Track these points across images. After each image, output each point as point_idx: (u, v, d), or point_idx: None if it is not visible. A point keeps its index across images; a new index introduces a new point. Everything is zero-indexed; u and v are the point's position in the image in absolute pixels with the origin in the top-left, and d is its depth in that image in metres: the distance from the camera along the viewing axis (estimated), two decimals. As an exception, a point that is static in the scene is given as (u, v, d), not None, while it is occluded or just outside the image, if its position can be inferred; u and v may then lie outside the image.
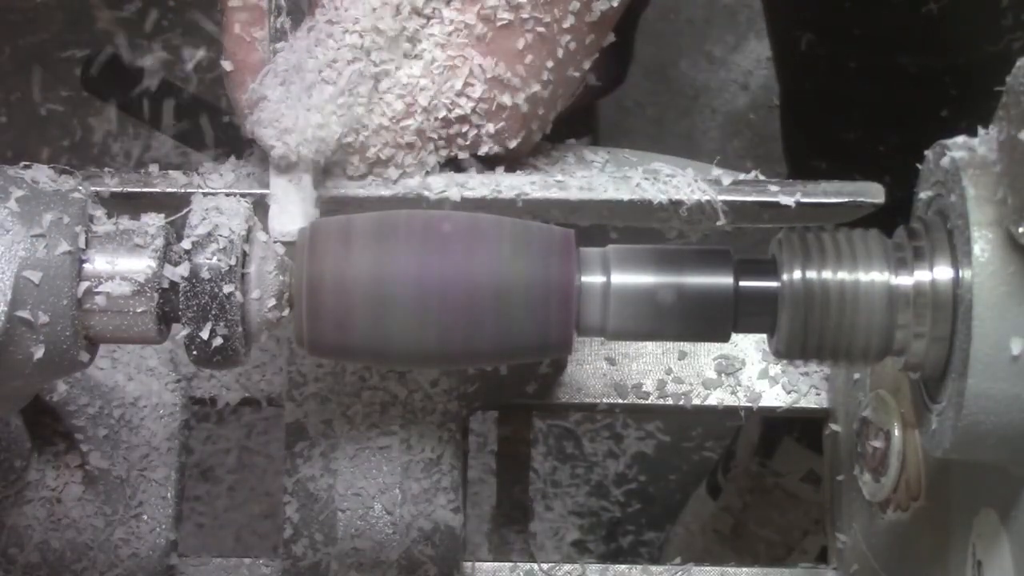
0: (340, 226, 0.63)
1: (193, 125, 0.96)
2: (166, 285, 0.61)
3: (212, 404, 0.89)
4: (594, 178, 0.74)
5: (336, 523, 0.83)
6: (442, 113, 0.71)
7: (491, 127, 0.72)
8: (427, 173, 0.73)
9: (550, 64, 0.72)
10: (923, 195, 0.63)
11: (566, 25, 0.71)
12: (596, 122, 1.67)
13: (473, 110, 0.72)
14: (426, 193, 0.72)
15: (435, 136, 0.72)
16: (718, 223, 0.73)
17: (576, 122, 0.81)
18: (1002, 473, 0.61)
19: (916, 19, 1.06)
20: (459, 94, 0.71)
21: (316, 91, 0.70)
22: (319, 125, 0.69)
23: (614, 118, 1.80)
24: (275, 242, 0.64)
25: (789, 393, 0.89)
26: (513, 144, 0.73)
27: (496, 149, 0.73)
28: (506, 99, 0.72)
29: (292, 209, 0.70)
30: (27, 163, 0.63)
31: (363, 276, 0.61)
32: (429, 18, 0.71)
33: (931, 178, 0.62)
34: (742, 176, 0.74)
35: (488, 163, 0.74)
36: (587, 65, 0.74)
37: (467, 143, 0.73)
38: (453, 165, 0.74)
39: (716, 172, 0.74)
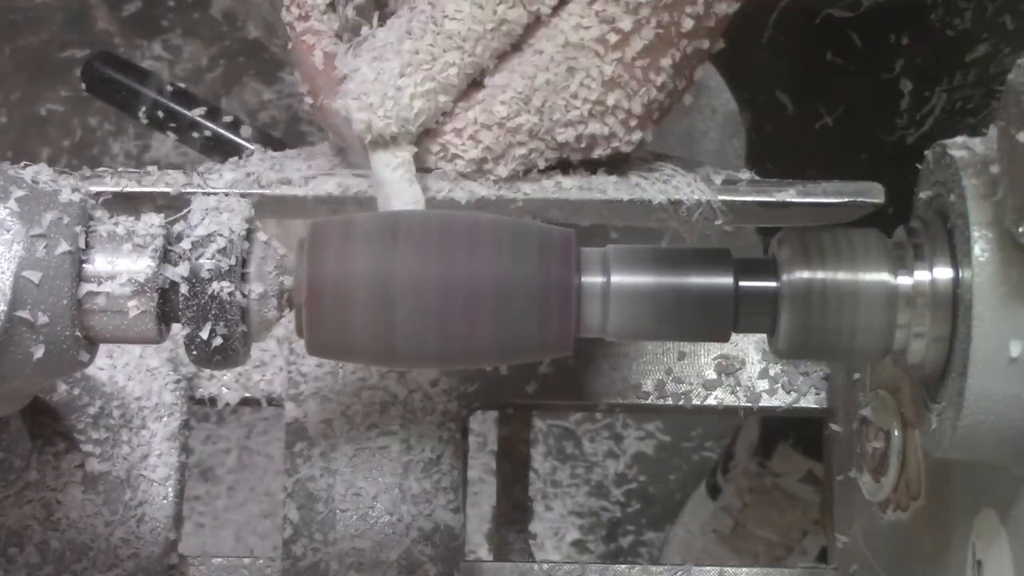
0: (340, 226, 0.63)
1: (193, 125, 0.96)
2: (166, 285, 0.61)
3: (212, 404, 0.89)
4: (594, 178, 0.74)
5: (336, 523, 0.83)
6: (556, 115, 0.70)
7: (605, 130, 0.71)
8: (527, 175, 0.72)
9: (668, 65, 0.70)
10: (923, 195, 0.63)
11: (685, 29, 0.70)
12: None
13: (589, 112, 0.70)
14: (427, 193, 0.72)
15: (548, 138, 0.71)
16: (716, 222, 0.73)
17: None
18: (1002, 473, 0.61)
19: (812, 133, 1.07)
20: (574, 96, 0.70)
21: (408, 72, 0.69)
22: (408, 104, 0.69)
23: (614, 118, 1.80)
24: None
25: (789, 393, 0.89)
26: (628, 149, 0.72)
27: (608, 152, 0.72)
28: (623, 102, 0.70)
29: (402, 189, 0.70)
30: (27, 163, 0.63)
31: (363, 276, 0.60)
32: (537, 16, 0.70)
33: (931, 178, 0.62)
34: (740, 175, 0.74)
35: (593, 166, 0.73)
36: (700, 71, 0.73)
37: (581, 147, 0.71)
38: (561, 168, 0.73)
39: (715, 172, 0.74)
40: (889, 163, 0.76)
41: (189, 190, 0.73)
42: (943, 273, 0.60)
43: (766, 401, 0.89)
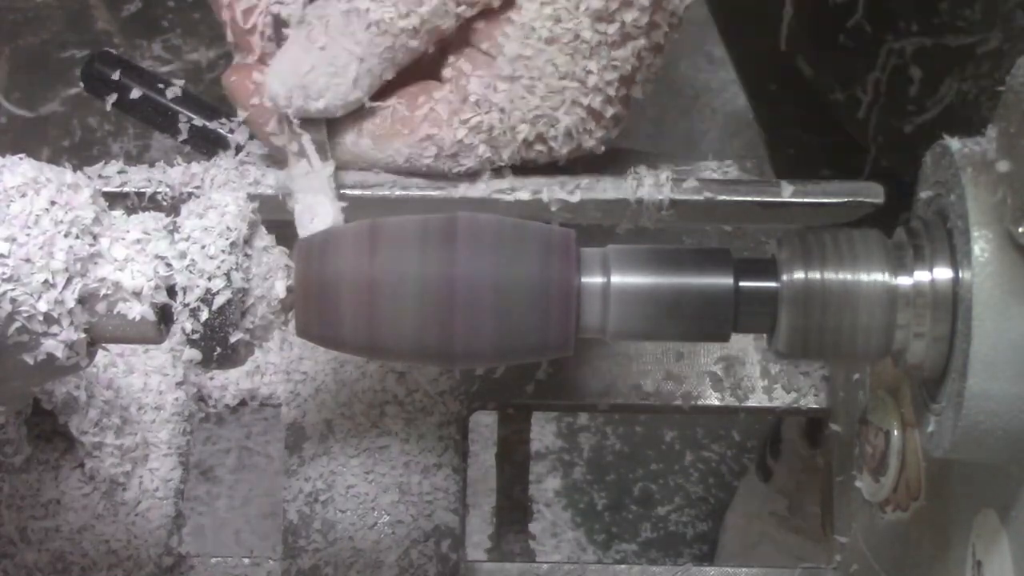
0: (343, 227, 0.63)
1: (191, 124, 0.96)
2: (166, 285, 0.61)
3: (212, 404, 0.89)
4: (594, 178, 0.74)
5: (336, 523, 0.83)
6: (517, 111, 0.70)
7: (567, 126, 0.71)
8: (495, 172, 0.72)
9: (626, 57, 0.70)
10: (923, 195, 0.63)
11: (640, 23, 0.70)
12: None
13: (552, 108, 0.70)
14: (427, 193, 0.72)
15: (508, 136, 0.71)
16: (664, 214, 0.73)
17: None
18: (1002, 473, 0.61)
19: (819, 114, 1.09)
20: (531, 90, 0.70)
21: (344, 53, 0.68)
22: (345, 92, 0.69)
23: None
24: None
25: (789, 393, 0.89)
26: (591, 144, 0.72)
27: (572, 148, 0.72)
28: (580, 97, 0.70)
29: (318, 206, 0.70)
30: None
31: (363, 276, 0.60)
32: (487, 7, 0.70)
33: (931, 178, 0.62)
34: (741, 175, 0.74)
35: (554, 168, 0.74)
36: (660, 61, 0.73)
37: (544, 143, 0.71)
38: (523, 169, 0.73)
39: (717, 171, 0.74)
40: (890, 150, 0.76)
41: (189, 190, 0.73)
42: (943, 273, 0.60)
43: (766, 401, 0.89)
